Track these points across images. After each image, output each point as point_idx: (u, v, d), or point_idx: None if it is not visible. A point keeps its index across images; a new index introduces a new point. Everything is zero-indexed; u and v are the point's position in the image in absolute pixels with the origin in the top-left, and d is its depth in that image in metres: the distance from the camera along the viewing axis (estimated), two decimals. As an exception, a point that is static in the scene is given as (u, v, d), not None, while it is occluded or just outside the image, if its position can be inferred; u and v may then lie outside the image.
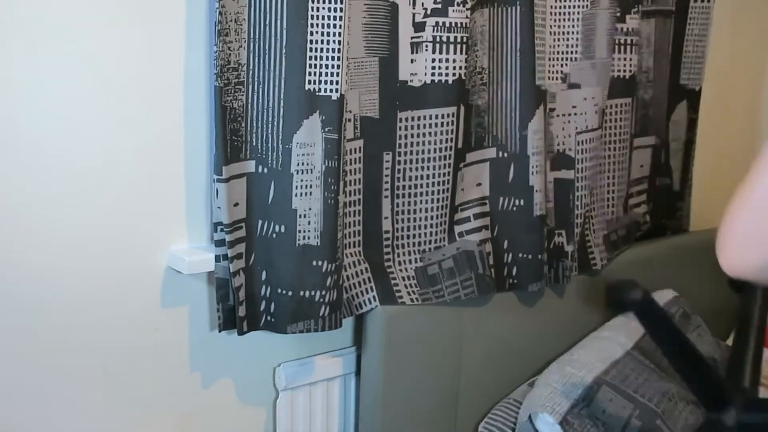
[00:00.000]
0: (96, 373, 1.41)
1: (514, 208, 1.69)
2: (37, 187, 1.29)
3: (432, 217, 1.62)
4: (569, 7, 1.72)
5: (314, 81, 1.40)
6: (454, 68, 1.56)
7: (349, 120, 1.51)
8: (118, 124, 1.35)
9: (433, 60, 1.55)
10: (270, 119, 1.42)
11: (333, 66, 1.40)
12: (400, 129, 1.57)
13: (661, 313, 1.04)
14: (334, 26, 1.39)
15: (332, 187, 1.44)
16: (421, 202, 1.61)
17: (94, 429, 1.42)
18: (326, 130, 1.42)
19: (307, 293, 1.46)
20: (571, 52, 1.75)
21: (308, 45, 1.39)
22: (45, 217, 1.31)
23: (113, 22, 1.31)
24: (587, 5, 1.73)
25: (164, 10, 1.36)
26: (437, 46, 1.54)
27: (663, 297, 1.96)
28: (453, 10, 1.53)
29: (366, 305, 1.58)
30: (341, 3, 1.38)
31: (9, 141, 1.26)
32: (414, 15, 1.53)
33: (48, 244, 1.32)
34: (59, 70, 1.28)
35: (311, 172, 1.44)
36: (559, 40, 1.73)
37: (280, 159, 1.43)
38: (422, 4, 1.53)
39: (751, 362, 1.47)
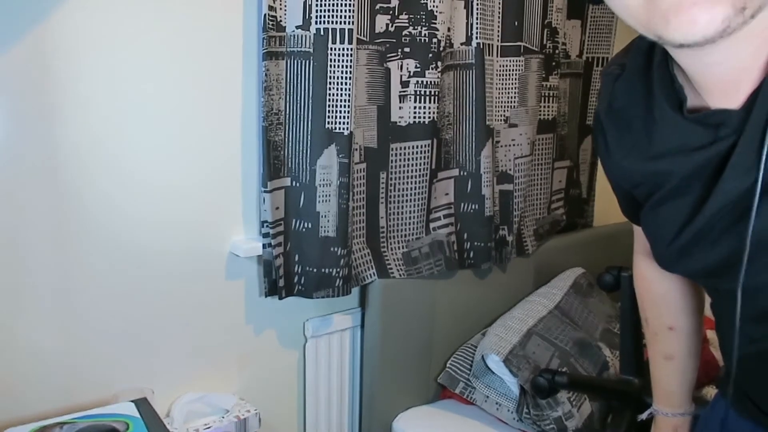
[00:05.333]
0: (179, 323, 1.42)
1: (471, 211, 1.69)
2: (145, 195, 1.31)
3: (414, 217, 1.63)
4: (509, 70, 1.73)
5: (332, 122, 1.41)
6: (429, 113, 1.56)
7: (356, 149, 1.51)
8: (197, 154, 1.36)
9: (415, 107, 1.55)
10: (301, 149, 1.42)
11: (345, 112, 1.40)
12: (391, 155, 1.57)
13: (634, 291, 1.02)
14: (346, 84, 1.39)
15: (344, 196, 1.45)
16: (406, 206, 1.61)
17: (178, 363, 1.43)
18: (340, 156, 1.43)
19: (327, 270, 1.47)
20: (511, 102, 1.75)
21: (327, 97, 1.39)
22: (147, 218, 1.32)
23: (199, 80, 1.33)
24: (522, 69, 1.74)
25: (229, 75, 1.37)
26: (418, 97, 1.55)
27: (575, 272, 1.97)
28: (428, 72, 1.54)
29: (368, 278, 1.59)
30: (350, 68, 1.39)
31: (131, 170, 1.27)
32: (401, 76, 1.54)
33: (149, 235, 1.33)
34: (163, 120, 1.30)
35: (330, 186, 1.44)
36: (502, 93, 1.73)
37: (308, 176, 1.43)
38: (407, 68, 1.53)
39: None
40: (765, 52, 0.53)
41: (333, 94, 1.39)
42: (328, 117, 1.40)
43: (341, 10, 1.35)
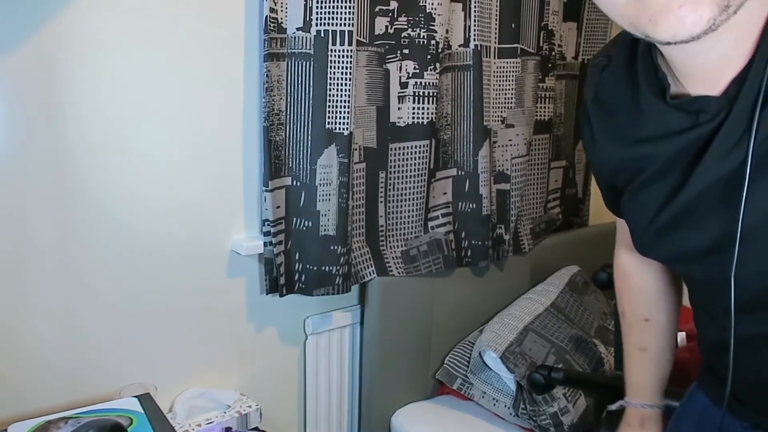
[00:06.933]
0: (182, 321, 1.41)
1: (469, 210, 1.69)
2: (148, 194, 1.30)
3: (412, 216, 1.62)
4: (506, 72, 1.73)
5: (332, 122, 1.41)
6: (428, 114, 1.56)
7: (356, 149, 1.51)
8: (199, 153, 1.36)
9: (413, 108, 1.55)
10: (301, 148, 1.42)
11: (345, 112, 1.40)
12: (390, 155, 1.57)
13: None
14: (346, 85, 1.39)
15: (344, 195, 1.45)
16: (405, 205, 1.61)
17: (180, 360, 1.43)
18: (340, 156, 1.43)
19: (327, 268, 1.47)
20: (508, 103, 1.75)
21: (328, 98, 1.39)
22: (150, 217, 1.32)
23: (200, 80, 1.32)
24: (519, 70, 1.74)
25: (231, 77, 1.37)
26: (416, 98, 1.54)
27: (571, 270, 1.96)
28: (427, 74, 1.53)
29: (367, 276, 1.59)
30: (350, 69, 1.38)
31: (134, 170, 1.27)
32: (400, 77, 1.54)
33: (152, 234, 1.33)
34: (166, 120, 1.29)
35: (330, 185, 1.44)
36: (499, 94, 1.73)
37: (308, 176, 1.43)
38: (406, 70, 1.53)
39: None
40: (748, 43, 0.54)
41: (333, 95, 1.39)
42: (329, 117, 1.40)
43: (341, 12, 1.35)
